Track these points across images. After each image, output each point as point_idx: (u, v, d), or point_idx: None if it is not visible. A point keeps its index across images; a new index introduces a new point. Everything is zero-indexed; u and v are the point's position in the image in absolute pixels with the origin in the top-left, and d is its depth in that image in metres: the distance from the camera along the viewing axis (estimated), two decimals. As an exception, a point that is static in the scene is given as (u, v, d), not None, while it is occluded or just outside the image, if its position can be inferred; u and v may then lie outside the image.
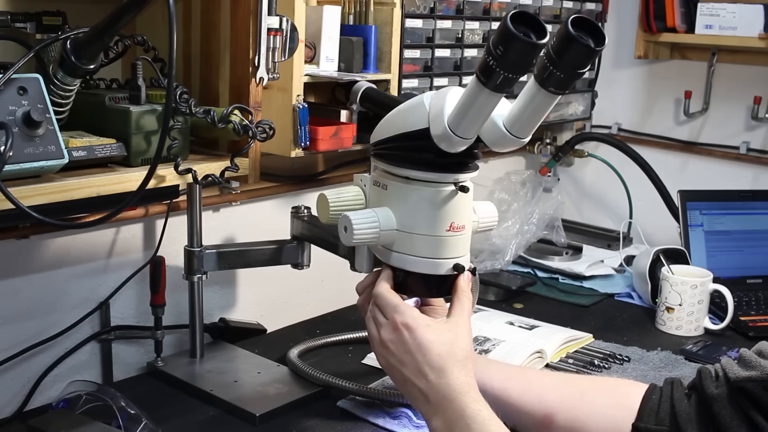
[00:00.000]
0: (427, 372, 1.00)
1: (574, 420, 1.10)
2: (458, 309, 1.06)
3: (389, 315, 1.05)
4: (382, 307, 1.07)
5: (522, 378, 1.17)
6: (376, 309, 1.08)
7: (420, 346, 1.01)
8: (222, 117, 1.19)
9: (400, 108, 1.09)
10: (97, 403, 1.20)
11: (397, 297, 1.07)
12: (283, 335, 1.61)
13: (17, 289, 1.33)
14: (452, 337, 1.03)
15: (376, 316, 1.08)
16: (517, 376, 1.17)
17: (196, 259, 1.39)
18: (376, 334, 1.07)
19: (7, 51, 1.16)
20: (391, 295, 1.07)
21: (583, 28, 0.91)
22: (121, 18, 1.03)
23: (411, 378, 1.02)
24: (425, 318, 1.04)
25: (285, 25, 1.27)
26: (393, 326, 1.04)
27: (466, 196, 1.07)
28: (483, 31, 1.80)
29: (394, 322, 1.04)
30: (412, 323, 1.03)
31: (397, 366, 1.04)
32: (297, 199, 1.65)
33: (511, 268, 1.98)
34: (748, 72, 2.10)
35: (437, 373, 1.00)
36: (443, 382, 1.00)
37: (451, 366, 1.00)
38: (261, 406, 1.29)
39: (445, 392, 0.99)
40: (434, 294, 1.12)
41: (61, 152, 1.02)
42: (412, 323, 1.03)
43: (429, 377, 1.00)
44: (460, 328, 1.04)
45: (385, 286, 1.08)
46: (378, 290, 1.08)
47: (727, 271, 1.86)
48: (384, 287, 1.08)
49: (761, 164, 2.11)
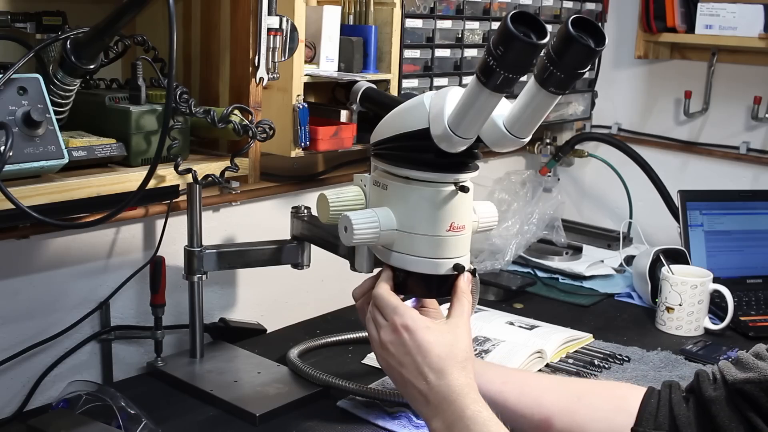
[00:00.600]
0: (427, 373, 1.00)
1: (571, 423, 1.09)
2: (458, 310, 1.06)
3: (389, 316, 1.05)
4: (382, 308, 1.07)
5: (519, 381, 1.16)
6: (375, 310, 1.08)
7: (420, 348, 1.01)
8: (222, 117, 1.19)
9: (400, 108, 1.09)
10: (97, 403, 1.20)
11: (396, 298, 1.07)
12: (283, 335, 1.61)
13: (17, 289, 1.33)
14: (452, 339, 1.03)
15: (375, 317, 1.08)
16: (515, 380, 1.16)
17: (196, 259, 1.39)
18: (376, 335, 1.07)
19: (7, 51, 1.16)
20: (391, 297, 1.07)
21: (583, 28, 0.91)
22: (121, 18, 1.03)
23: (411, 379, 1.02)
24: (425, 319, 1.04)
25: (285, 25, 1.27)
26: (393, 328, 1.04)
27: (466, 196, 1.07)
28: (483, 31, 1.80)
29: (394, 324, 1.04)
30: (411, 325, 1.03)
31: (397, 367, 1.04)
32: (297, 199, 1.65)
33: (511, 268, 1.98)
34: (748, 72, 2.10)
35: (437, 375, 1.00)
36: (443, 384, 1.00)
37: (451, 367, 1.00)
38: (261, 406, 1.29)
39: (444, 393, 0.99)
40: (434, 294, 1.12)
41: (61, 152, 1.02)
42: (412, 325, 1.03)
43: (429, 378, 1.00)
44: (459, 329, 1.04)
45: (385, 288, 1.08)
46: (377, 291, 1.08)
47: (727, 271, 1.86)
48: (384, 288, 1.08)
49: (761, 164, 2.11)
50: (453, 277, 1.09)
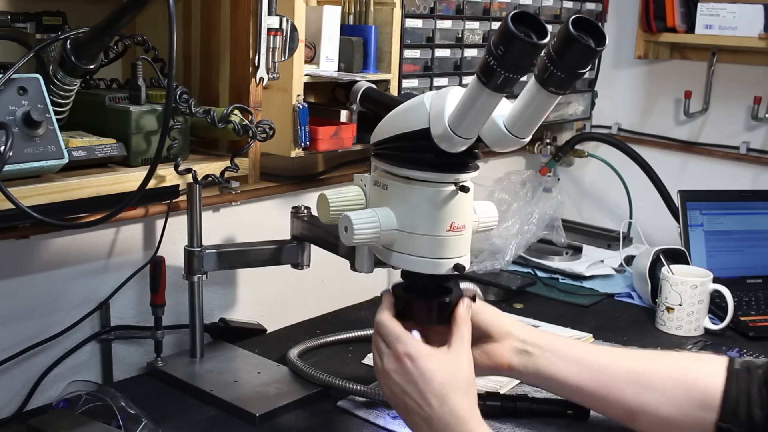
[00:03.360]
0: (430, 400, 1.02)
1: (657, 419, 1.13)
2: (458, 338, 1.08)
3: (392, 344, 1.06)
4: (385, 336, 1.08)
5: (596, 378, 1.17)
6: (378, 338, 1.09)
7: (423, 376, 1.03)
8: (222, 117, 1.19)
9: (400, 108, 1.09)
10: (97, 403, 1.20)
11: (399, 326, 1.08)
12: (283, 335, 1.61)
13: (17, 289, 1.33)
14: (454, 366, 1.04)
15: (378, 344, 1.09)
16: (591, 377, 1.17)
17: (196, 259, 1.39)
18: (380, 363, 1.08)
19: (7, 51, 1.16)
20: (393, 324, 1.08)
21: (583, 28, 0.91)
22: (121, 18, 1.03)
23: (414, 407, 1.03)
24: (427, 348, 1.06)
25: (285, 25, 1.27)
26: (396, 356, 1.05)
27: (467, 196, 1.07)
28: (483, 31, 1.80)
29: (397, 353, 1.05)
30: (414, 353, 1.04)
31: (400, 395, 1.05)
32: (297, 199, 1.65)
33: (511, 268, 1.98)
34: (748, 72, 2.10)
35: (439, 401, 1.02)
36: (445, 410, 1.01)
37: (453, 394, 1.02)
38: (261, 406, 1.29)
39: (447, 420, 1.01)
40: (434, 321, 1.12)
41: (61, 152, 1.02)
42: (415, 353, 1.04)
43: (431, 405, 1.02)
44: (461, 356, 1.06)
45: (387, 315, 1.10)
46: (380, 319, 1.09)
47: (727, 271, 1.85)
48: (386, 316, 1.09)
49: (761, 164, 2.11)
50: (453, 303, 1.10)
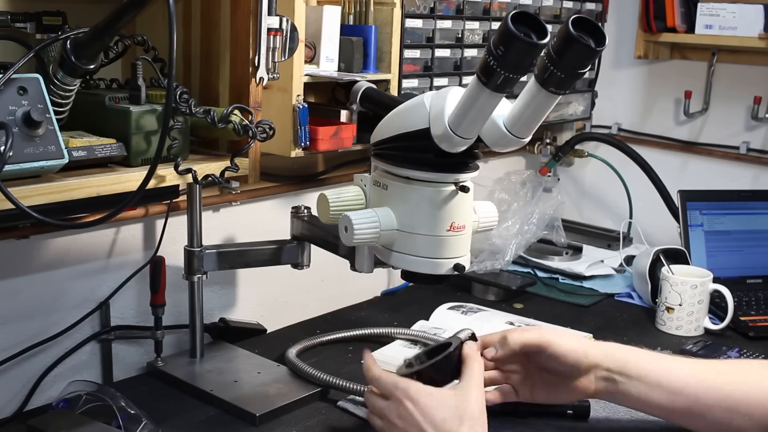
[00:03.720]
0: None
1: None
2: (467, 375, 1.09)
3: (391, 394, 1.07)
4: (382, 388, 1.09)
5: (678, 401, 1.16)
6: (374, 397, 1.10)
7: (424, 414, 1.04)
8: (222, 117, 1.19)
9: (400, 108, 1.09)
10: (97, 403, 1.20)
11: (393, 375, 1.10)
12: (283, 335, 1.61)
13: (17, 289, 1.33)
14: (458, 401, 1.05)
15: (374, 403, 1.10)
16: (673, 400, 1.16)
17: (196, 259, 1.39)
18: (380, 422, 1.09)
19: (7, 51, 1.16)
20: (387, 375, 1.10)
21: (583, 28, 0.91)
22: (121, 18, 1.03)
23: None
24: (427, 387, 1.07)
25: (285, 25, 1.27)
26: (397, 402, 1.06)
27: (467, 196, 1.07)
28: (483, 31, 1.80)
29: (398, 399, 1.06)
30: (414, 394, 1.06)
31: None
32: (297, 199, 1.65)
33: (511, 268, 1.98)
34: (748, 72, 2.10)
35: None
36: None
37: (456, 428, 1.03)
38: (261, 406, 1.29)
39: None
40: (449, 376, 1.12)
41: (61, 152, 1.02)
42: (414, 394, 1.06)
43: None
44: (467, 391, 1.07)
45: (377, 370, 1.11)
46: (373, 374, 1.11)
47: (727, 271, 1.85)
48: (377, 371, 1.11)
49: (761, 164, 2.11)
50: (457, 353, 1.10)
